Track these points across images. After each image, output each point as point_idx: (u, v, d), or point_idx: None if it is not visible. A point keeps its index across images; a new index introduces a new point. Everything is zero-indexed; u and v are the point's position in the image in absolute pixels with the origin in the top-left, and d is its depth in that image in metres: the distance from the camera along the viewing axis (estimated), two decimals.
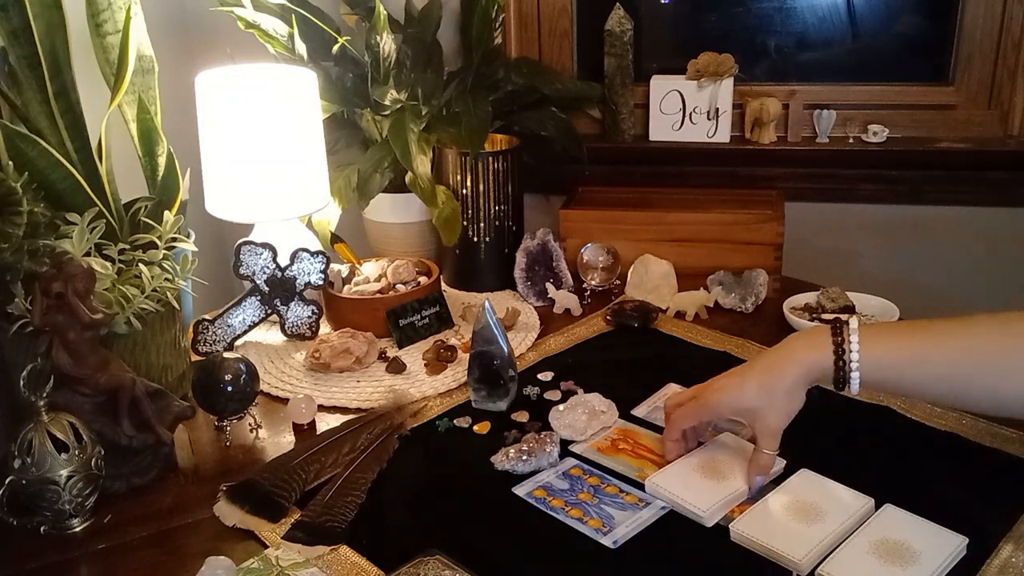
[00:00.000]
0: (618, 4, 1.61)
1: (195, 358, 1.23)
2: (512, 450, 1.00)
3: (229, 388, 1.06)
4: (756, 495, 0.92)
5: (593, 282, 1.44)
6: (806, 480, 0.94)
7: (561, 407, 1.09)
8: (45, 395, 0.92)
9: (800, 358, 0.90)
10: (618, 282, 1.45)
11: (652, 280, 1.42)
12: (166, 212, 1.15)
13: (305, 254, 1.31)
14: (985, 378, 0.85)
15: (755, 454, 0.93)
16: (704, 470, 0.96)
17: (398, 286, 1.36)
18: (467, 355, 1.16)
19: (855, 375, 0.87)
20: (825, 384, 0.90)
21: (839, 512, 0.88)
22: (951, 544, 0.83)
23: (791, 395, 0.90)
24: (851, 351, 0.87)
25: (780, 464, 0.96)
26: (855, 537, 0.85)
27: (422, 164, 1.40)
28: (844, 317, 0.90)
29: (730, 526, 0.88)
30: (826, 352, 0.88)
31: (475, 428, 1.09)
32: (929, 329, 0.89)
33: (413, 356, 1.27)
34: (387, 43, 1.45)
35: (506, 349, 1.12)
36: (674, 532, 0.90)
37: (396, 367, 1.23)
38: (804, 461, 0.96)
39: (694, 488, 0.93)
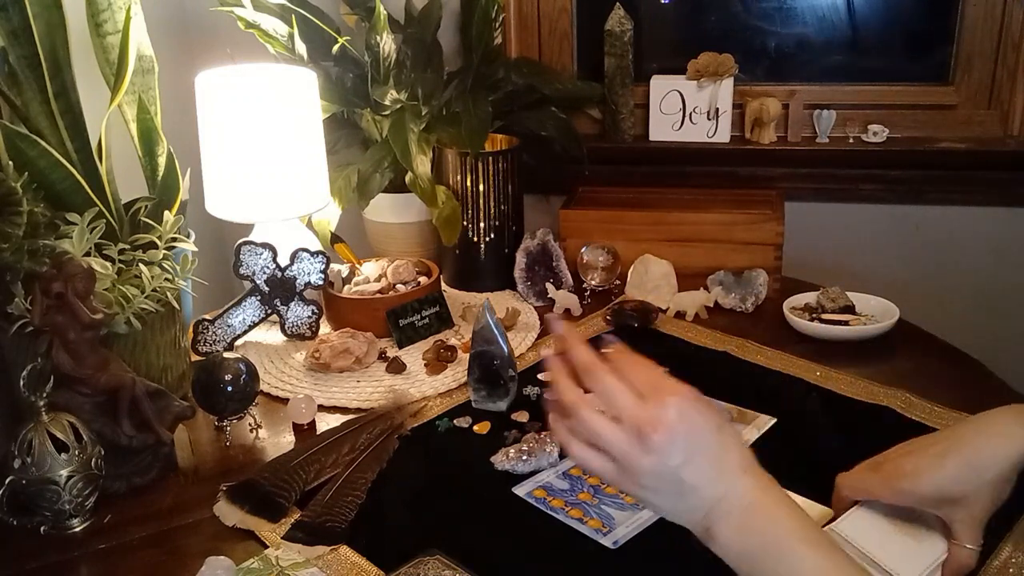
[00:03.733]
0: (618, 4, 1.61)
1: (195, 358, 1.23)
2: (512, 450, 1.00)
3: (229, 388, 1.06)
4: None
5: (593, 282, 1.44)
6: None
7: None
8: (45, 395, 0.92)
9: (1016, 433, 0.74)
10: (618, 282, 1.45)
11: (652, 280, 1.42)
12: (166, 212, 1.15)
13: (305, 254, 1.31)
14: None
15: (955, 550, 0.76)
16: (899, 519, 0.80)
17: (398, 286, 1.36)
18: (467, 355, 1.16)
19: None
20: None
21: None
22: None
23: (1004, 479, 0.74)
24: None
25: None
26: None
27: (422, 164, 1.40)
28: None
29: None
30: None
31: (475, 428, 1.09)
32: None
33: (413, 356, 1.27)
34: (387, 43, 1.45)
35: (506, 349, 1.12)
36: (674, 533, 0.89)
37: (396, 367, 1.23)
38: (804, 461, 0.96)
39: (891, 544, 0.77)
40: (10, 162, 1.01)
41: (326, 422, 1.12)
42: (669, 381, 0.69)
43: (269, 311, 1.31)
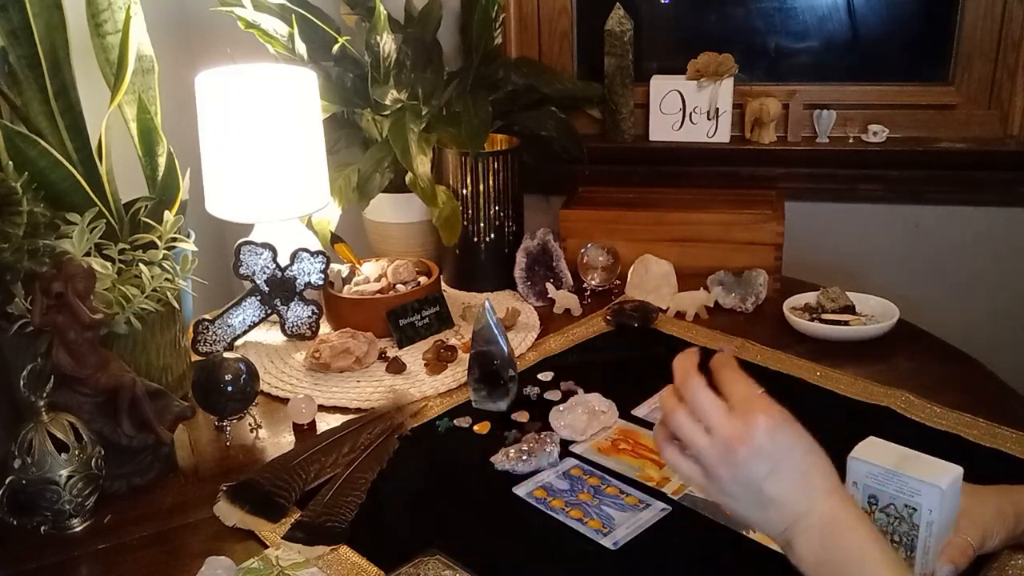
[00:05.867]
0: (618, 4, 1.61)
1: (195, 358, 1.23)
2: (512, 450, 1.00)
3: (229, 388, 1.06)
4: None
5: (593, 282, 1.44)
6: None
7: (561, 407, 1.09)
8: (45, 395, 0.92)
9: None
10: (618, 282, 1.45)
11: (652, 280, 1.42)
12: (166, 212, 1.15)
13: (305, 254, 1.31)
14: None
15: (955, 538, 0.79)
16: (907, 452, 0.81)
17: (398, 286, 1.36)
18: (467, 355, 1.16)
19: None
20: None
21: None
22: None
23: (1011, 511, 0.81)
24: None
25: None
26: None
27: (422, 164, 1.40)
28: None
29: None
30: None
31: (475, 428, 1.09)
32: None
33: (413, 356, 1.27)
34: (387, 43, 1.45)
35: (506, 349, 1.11)
36: (674, 534, 0.90)
37: (396, 367, 1.23)
38: None
39: (909, 461, 0.78)
40: (10, 162, 1.01)
41: (326, 422, 1.12)
42: (763, 400, 0.72)
43: (269, 311, 1.31)
